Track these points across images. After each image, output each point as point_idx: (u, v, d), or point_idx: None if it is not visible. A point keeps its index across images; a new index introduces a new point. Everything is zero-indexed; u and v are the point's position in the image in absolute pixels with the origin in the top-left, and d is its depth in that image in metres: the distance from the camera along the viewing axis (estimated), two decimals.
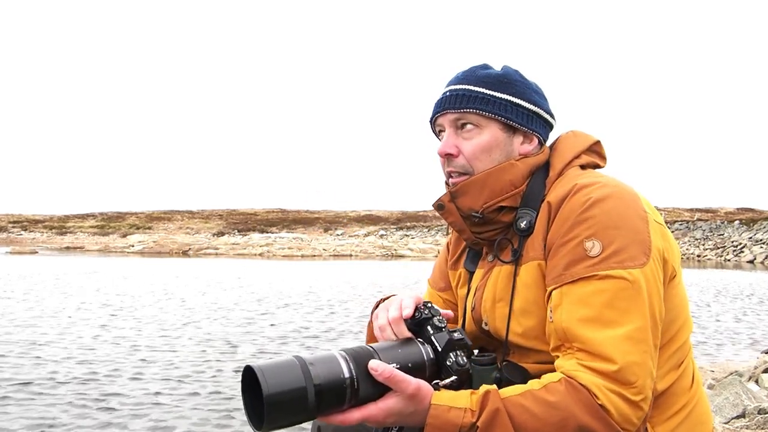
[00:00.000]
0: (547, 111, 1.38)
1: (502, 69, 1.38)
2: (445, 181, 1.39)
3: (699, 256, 36.80)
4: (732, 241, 37.71)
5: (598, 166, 1.38)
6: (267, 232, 58.55)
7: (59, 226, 70.20)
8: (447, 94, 1.35)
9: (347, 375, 1.02)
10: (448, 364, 1.12)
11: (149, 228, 67.57)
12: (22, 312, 9.45)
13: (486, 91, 1.32)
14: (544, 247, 1.23)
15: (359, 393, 1.03)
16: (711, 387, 4.32)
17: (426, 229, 56.74)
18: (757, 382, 4.62)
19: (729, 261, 33.92)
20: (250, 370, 0.99)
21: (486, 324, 1.33)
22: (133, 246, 43.15)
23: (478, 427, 1.03)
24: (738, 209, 65.15)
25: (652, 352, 1.11)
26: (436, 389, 1.09)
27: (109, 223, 73.02)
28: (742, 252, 34.82)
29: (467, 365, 1.13)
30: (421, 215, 69.48)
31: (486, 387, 1.09)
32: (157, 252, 39.46)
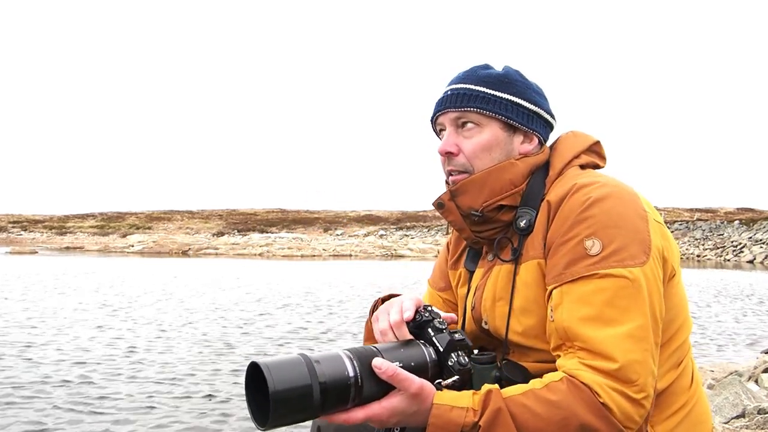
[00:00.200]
0: (548, 111, 1.39)
1: (503, 69, 1.38)
2: (445, 179, 1.39)
3: (699, 256, 36.84)
4: (732, 241, 37.76)
5: (598, 166, 1.38)
6: (267, 232, 58.53)
7: (59, 226, 70.20)
8: (448, 93, 1.36)
9: (352, 374, 1.02)
10: (450, 365, 1.12)
11: (149, 228, 67.56)
12: (19, 313, 9.42)
13: (487, 90, 1.33)
14: (544, 246, 1.23)
15: (363, 392, 1.03)
16: (711, 387, 4.31)
17: (426, 229, 56.75)
18: (756, 382, 4.62)
19: (729, 261, 33.95)
20: (256, 366, 0.98)
21: (486, 323, 1.33)
22: (132, 246, 43.16)
23: (480, 426, 1.04)
24: (738, 209, 65.17)
25: (653, 350, 1.11)
26: (439, 389, 1.09)
27: (108, 223, 73.00)
28: (742, 252, 34.87)
29: (469, 365, 1.13)
30: (421, 215, 69.47)
31: (488, 386, 1.09)
32: (156, 252, 39.45)
